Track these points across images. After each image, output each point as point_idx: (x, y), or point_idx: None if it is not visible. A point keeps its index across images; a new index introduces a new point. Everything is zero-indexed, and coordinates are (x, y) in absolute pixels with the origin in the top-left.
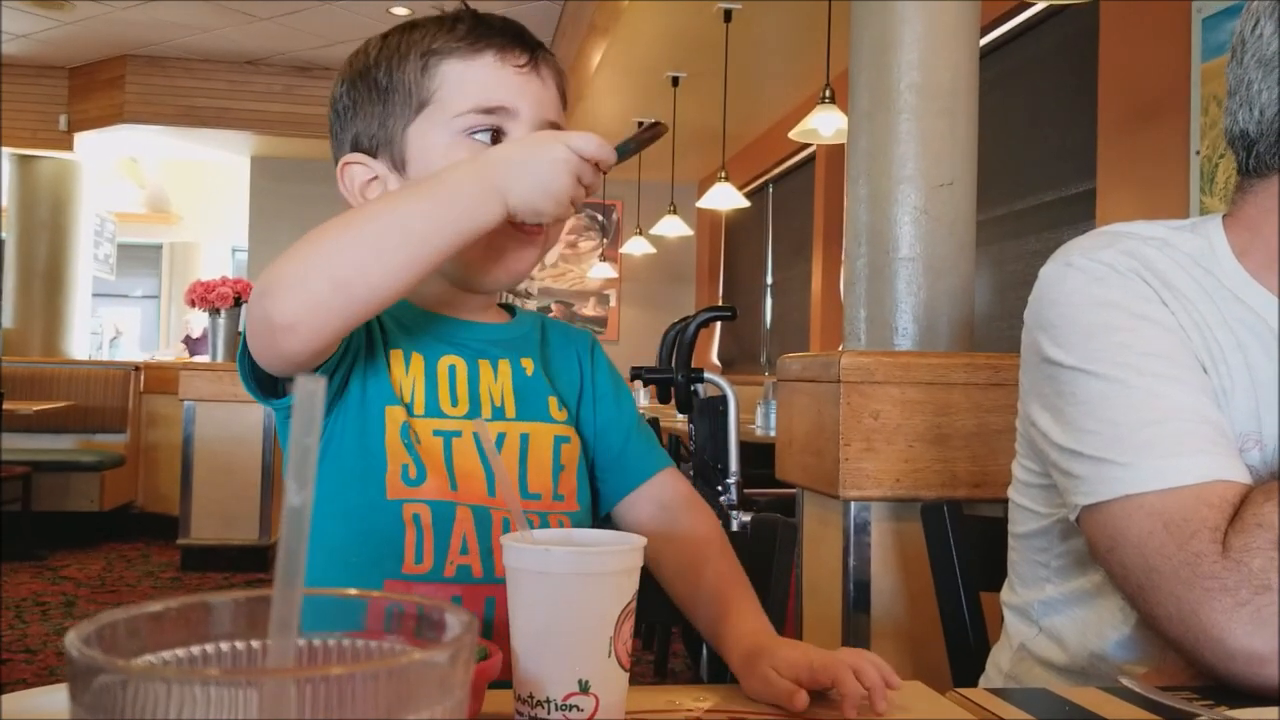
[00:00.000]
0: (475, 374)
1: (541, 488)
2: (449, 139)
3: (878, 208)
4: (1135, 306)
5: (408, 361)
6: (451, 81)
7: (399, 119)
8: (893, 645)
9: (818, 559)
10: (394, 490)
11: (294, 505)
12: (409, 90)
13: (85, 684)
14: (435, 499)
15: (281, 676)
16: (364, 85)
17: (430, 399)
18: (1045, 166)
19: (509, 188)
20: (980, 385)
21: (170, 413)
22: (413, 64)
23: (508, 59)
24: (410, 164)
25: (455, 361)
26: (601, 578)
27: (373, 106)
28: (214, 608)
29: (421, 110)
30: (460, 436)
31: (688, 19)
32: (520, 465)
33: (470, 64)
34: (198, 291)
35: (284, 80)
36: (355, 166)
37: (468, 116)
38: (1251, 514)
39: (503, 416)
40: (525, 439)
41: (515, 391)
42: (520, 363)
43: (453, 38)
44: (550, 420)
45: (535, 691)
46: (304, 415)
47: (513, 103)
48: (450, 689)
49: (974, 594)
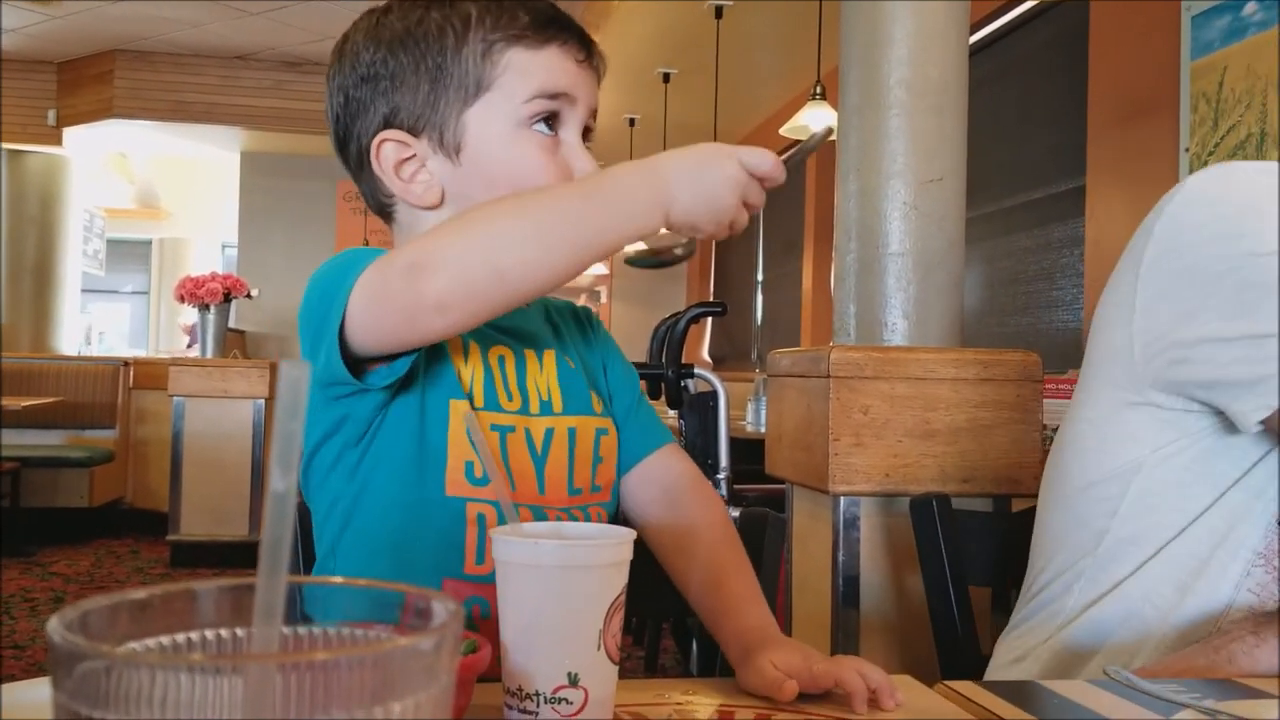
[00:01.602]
0: (523, 365)
1: (584, 482)
2: (510, 128)
3: (868, 203)
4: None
5: (466, 350)
6: (516, 68)
7: (453, 102)
8: (881, 639)
9: (807, 553)
10: (454, 487)
11: (278, 491)
12: (467, 73)
13: (68, 670)
14: (494, 498)
15: (265, 662)
16: (409, 59)
17: (489, 391)
18: (1035, 163)
19: (675, 198)
20: (970, 380)
21: (159, 408)
22: (472, 47)
23: (569, 51)
24: (466, 149)
25: (504, 352)
26: (590, 570)
27: (419, 83)
28: (198, 595)
29: (480, 95)
30: (514, 432)
31: (679, 15)
32: (569, 461)
33: (536, 54)
34: (187, 287)
35: (274, 75)
36: (391, 144)
37: (534, 103)
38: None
39: (550, 411)
40: (572, 434)
41: (560, 385)
42: (564, 356)
43: (516, 25)
44: (592, 414)
45: (524, 684)
46: (288, 400)
47: (573, 90)
48: (435, 675)
49: (962, 588)
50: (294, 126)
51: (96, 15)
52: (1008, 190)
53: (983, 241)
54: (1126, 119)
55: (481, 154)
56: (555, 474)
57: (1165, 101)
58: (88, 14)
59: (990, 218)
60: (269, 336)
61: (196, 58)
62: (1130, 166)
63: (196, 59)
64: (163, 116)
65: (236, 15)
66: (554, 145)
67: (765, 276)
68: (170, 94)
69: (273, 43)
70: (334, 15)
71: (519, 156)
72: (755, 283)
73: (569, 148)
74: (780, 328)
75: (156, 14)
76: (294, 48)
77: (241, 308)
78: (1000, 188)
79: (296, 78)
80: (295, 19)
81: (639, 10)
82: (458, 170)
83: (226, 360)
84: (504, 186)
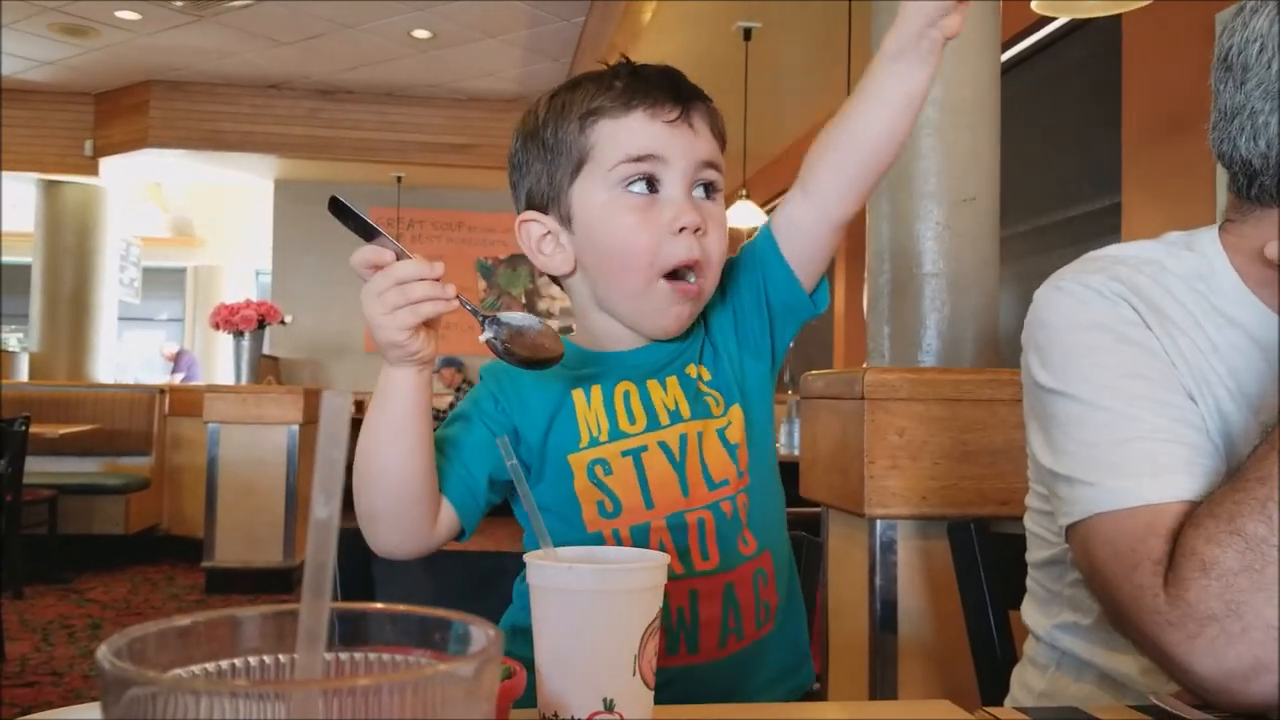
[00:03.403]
0: (646, 394)
1: (726, 473)
2: (607, 193)
3: (900, 224)
4: (1118, 329)
5: (589, 396)
6: (605, 138)
7: (563, 176)
8: (920, 664)
9: (843, 578)
10: (592, 525)
11: (321, 518)
12: (569, 148)
13: (117, 696)
14: (633, 523)
15: (309, 688)
16: (534, 144)
17: (612, 423)
18: (1070, 181)
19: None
20: (1006, 401)
21: (195, 435)
22: (573, 123)
23: (658, 114)
24: (575, 220)
25: (629, 387)
26: (625, 595)
27: (541, 164)
28: (242, 622)
29: (581, 167)
30: (647, 450)
31: (708, 38)
32: (701, 462)
33: (620, 121)
34: (222, 314)
35: (307, 104)
36: (531, 224)
37: (620, 168)
38: (1181, 541)
39: (680, 419)
40: (700, 436)
41: (686, 396)
42: (685, 371)
43: (608, 96)
44: (712, 416)
45: (560, 710)
46: (330, 429)
47: (661, 151)
48: (476, 701)
49: (1002, 613)
50: (327, 154)
51: (132, 47)
52: (1042, 208)
53: (1017, 261)
54: (1162, 134)
55: (588, 222)
56: (694, 474)
57: (1201, 116)
58: (123, 45)
59: (1025, 236)
60: (303, 362)
61: (230, 87)
62: (1166, 182)
63: (230, 88)
64: (197, 145)
65: (270, 45)
66: (649, 205)
67: None
68: (205, 123)
69: (306, 71)
70: (366, 44)
71: (613, 220)
72: None
73: (671, 204)
74: (813, 349)
75: (190, 44)
76: (327, 76)
77: (275, 334)
78: (1035, 206)
79: (329, 106)
80: (328, 48)
81: (667, 33)
82: (577, 239)
83: (260, 386)
84: (607, 250)
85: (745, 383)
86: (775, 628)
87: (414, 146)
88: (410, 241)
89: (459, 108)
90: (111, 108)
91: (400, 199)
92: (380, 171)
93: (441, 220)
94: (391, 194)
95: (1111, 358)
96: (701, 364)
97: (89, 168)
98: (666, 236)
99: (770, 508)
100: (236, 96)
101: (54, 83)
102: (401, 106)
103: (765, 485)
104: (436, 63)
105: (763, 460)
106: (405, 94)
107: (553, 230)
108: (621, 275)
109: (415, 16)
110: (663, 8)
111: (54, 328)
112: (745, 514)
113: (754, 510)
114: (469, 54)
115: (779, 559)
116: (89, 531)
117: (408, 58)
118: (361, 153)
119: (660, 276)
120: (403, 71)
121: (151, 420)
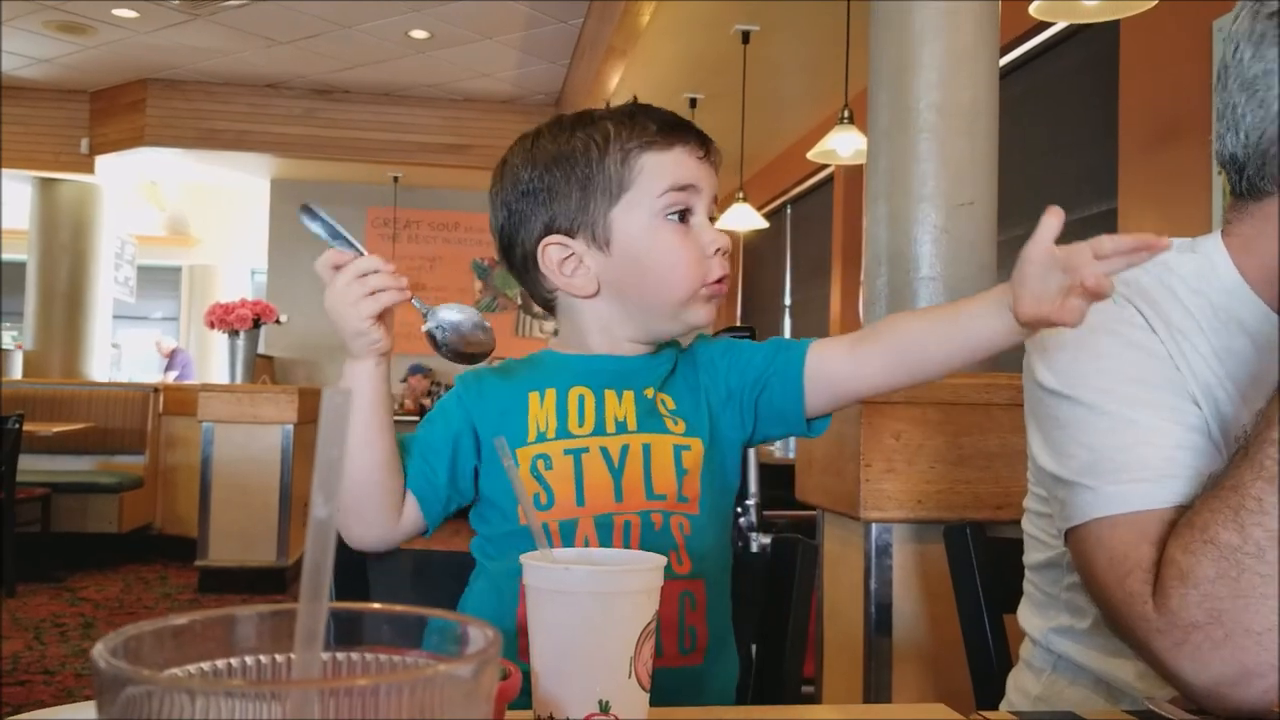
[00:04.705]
0: (601, 401)
1: (665, 489)
2: (648, 219)
3: (898, 227)
4: (1123, 332)
5: (543, 397)
6: (650, 169)
7: (600, 204)
8: (915, 668)
9: (838, 581)
10: (524, 516)
11: (319, 517)
12: (610, 178)
13: (113, 695)
14: (562, 518)
15: (306, 688)
16: (561, 174)
17: (560, 423)
18: (1067, 186)
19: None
20: (1002, 405)
21: (189, 434)
22: (613, 156)
23: (691, 150)
24: (614, 243)
25: (584, 392)
26: (621, 597)
27: (570, 192)
28: (239, 621)
29: (622, 195)
30: (588, 452)
31: (705, 41)
32: (645, 471)
33: (664, 155)
34: (217, 313)
35: (304, 103)
36: (553, 247)
37: (666, 196)
38: (1165, 550)
39: (625, 430)
40: (647, 448)
41: (637, 411)
42: (643, 391)
43: (647, 134)
44: (669, 432)
45: (555, 711)
46: (330, 428)
47: (697, 182)
48: (475, 702)
49: (997, 616)
50: (323, 154)
51: (128, 45)
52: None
53: None
54: (1158, 141)
55: (629, 246)
56: (632, 483)
57: (1197, 123)
58: (120, 44)
59: (1022, 240)
60: (298, 362)
61: (227, 86)
62: (1162, 189)
63: (227, 87)
64: (193, 144)
65: (266, 44)
66: (686, 230)
67: (793, 300)
68: (201, 122)
69: (302, 71)
70: (363, 44)
71: (660, 244)
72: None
73: (700, 228)
74: None
75: (187, 43)
76: (324, 76)
77: (271, 333)
78: (1032, 210)
79: (326, 105)
80: (325, 48)
81: (666, 36)
82: (610, 261)
83: (256, 385)
84: (650, 270)
85: (717, 431)
86: (703, 665)
87: (411, 147)
88: (407, 242)
89: (456, 108)
90: (108, 106)
91: (397, 199)
92: (377, 172)
93: (438, 220)
94: (388, 194)
95: (1116, 362)
96: (664, 392)
97: (85, 166)
98: (705, 258)
99: (715, 551)
100: (233, 96)
101: (50, 80)
102: (398, 107)
103: (713, 529)
104: (434, 63)
105: (716, 509)
106: (402, 94)
107: (578, 252)
108: (670, 290)
109: (413, 17)
110: (661, 10)
111: (48, 326)
112: (682, 536)
113: (694, 539)
114: (466, 55)
115: (713, 595)
116: (82, 530)
117: (405, 58)
118: (358, 153)
119: (703, 287)
120: (400, 72)
121: (146, 419)
